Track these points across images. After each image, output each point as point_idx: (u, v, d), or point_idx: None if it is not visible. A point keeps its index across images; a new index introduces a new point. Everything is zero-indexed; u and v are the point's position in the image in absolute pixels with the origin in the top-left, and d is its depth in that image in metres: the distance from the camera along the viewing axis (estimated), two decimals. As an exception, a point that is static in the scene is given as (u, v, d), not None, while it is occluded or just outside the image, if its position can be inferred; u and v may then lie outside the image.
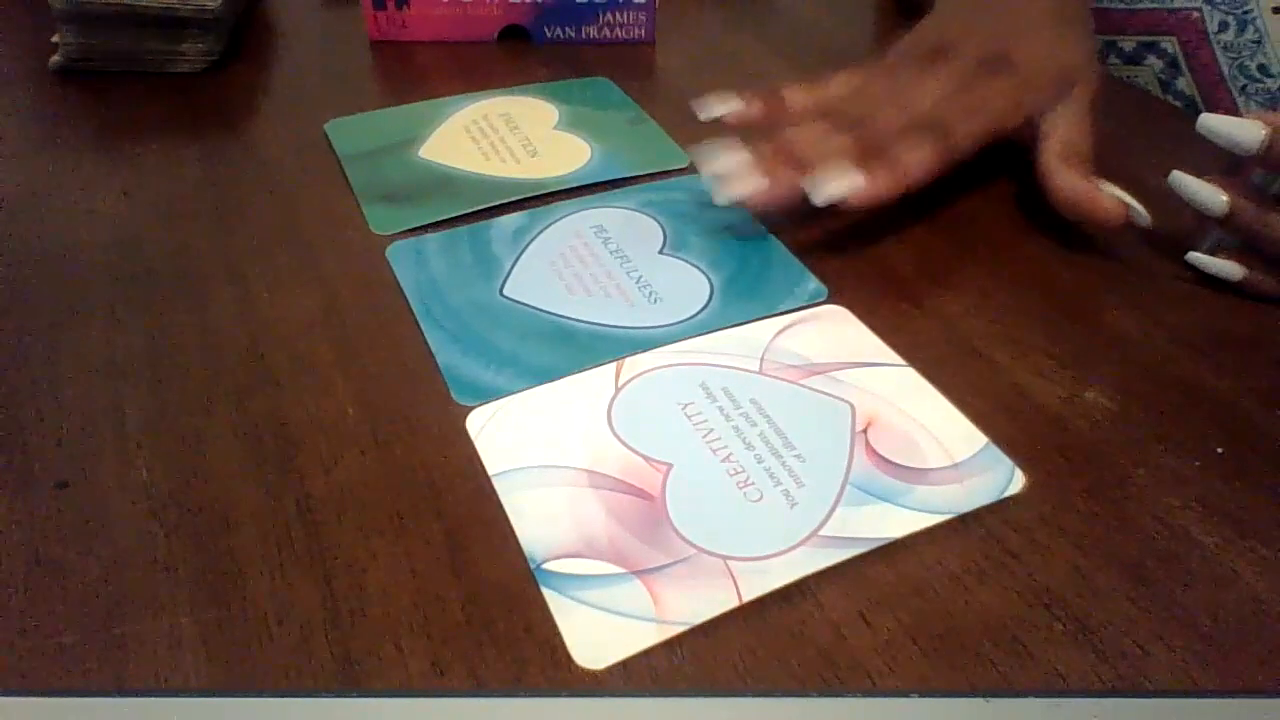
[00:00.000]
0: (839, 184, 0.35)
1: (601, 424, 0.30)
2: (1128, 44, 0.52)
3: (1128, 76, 0.53)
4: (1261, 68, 0.46)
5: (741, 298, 0.35)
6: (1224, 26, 0.46)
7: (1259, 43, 0.46)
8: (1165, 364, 0.33)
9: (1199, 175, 0.35)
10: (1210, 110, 0.40)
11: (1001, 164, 0.44)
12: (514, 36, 0.53)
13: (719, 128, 0.38)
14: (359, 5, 0.52)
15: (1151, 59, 0.50)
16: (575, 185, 0.41)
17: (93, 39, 0.47)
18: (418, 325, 0.33)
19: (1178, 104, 0.50)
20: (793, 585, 0.25)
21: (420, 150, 0.43)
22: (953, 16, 0.41)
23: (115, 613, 0.24)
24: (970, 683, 0.23)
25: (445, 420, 0.30)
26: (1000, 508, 0.28)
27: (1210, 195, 0.35)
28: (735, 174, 0.36)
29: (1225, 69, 0.47)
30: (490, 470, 0.28)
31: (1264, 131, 0.33)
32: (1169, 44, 0.50)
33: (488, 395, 0.31)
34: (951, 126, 0.37)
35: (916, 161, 0.36)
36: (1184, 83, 0.49)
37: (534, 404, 0.31)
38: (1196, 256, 0.36)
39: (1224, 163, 0.36)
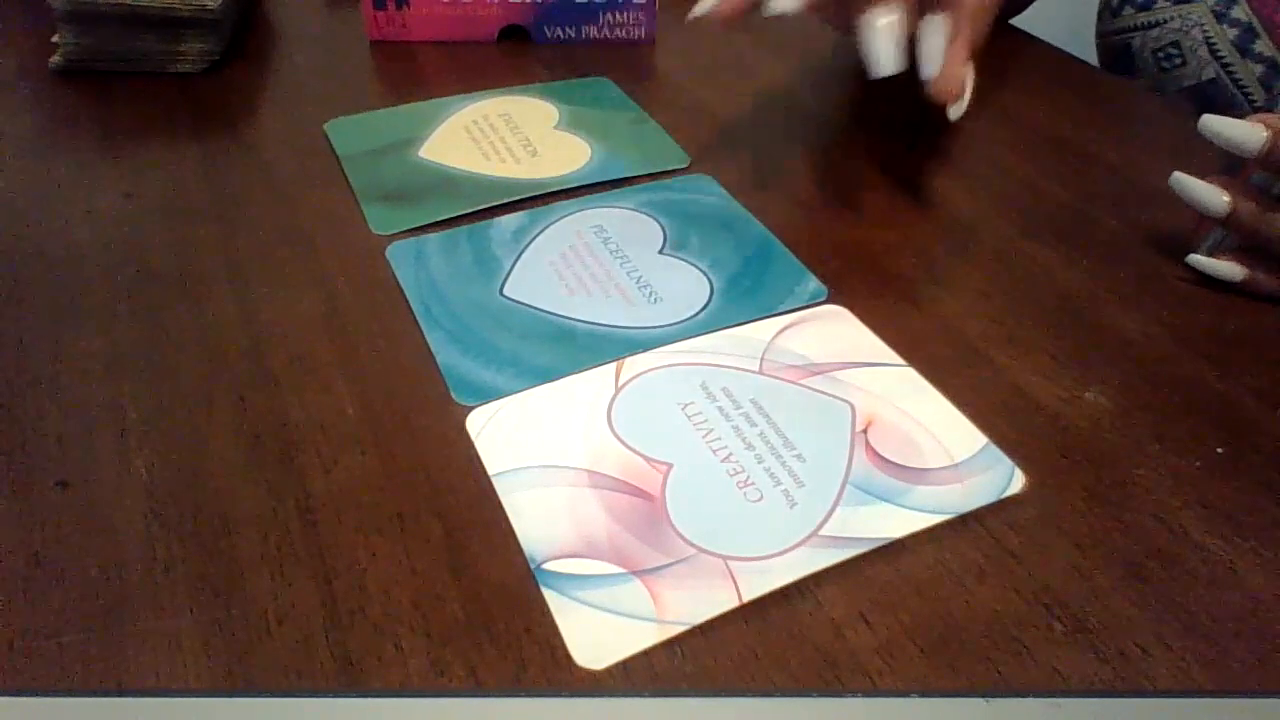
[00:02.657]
0: None
1: (601, 424, 0.30)
2: None
3: (1180, 16, 0.53)
4: None
5: (741, 298, 0.35)
6: None
7: None
8: (1165, 364, 0.33)
9: (1200, 176, 0.35)
10: (1269, 36, 0.39)
11: (1000, 164, 0.44)
12: (514, 36, 0.53)
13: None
14: (359, 5, 0.52)
15: None
16: (575, 185, 0.41)
17: (93, 39, 0.47)
18: (418, 325, 0.33)
19: (1233, 31, 0.50)
20: (793, 585, 0.25)
21: (420, 150, 0.43)
22: None
23: (115, 613, 0.24)
24: (970, 683, 0.23)
25: (445, 420, 0.30)
26: (1000, 508, 0.28)
27: (1212, 196, 0.35)
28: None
29: None
30: (490, 470, 0.28)
31: (1265, 134, 0.33)
32: None
33: (488, 395, 0.31)
34: None
35: None
36: (1239, 10, 0.49)
37: (534, 404, 0.31)
38: (1197, 259, 0.36)
39: (1222, 162, 0.36)
